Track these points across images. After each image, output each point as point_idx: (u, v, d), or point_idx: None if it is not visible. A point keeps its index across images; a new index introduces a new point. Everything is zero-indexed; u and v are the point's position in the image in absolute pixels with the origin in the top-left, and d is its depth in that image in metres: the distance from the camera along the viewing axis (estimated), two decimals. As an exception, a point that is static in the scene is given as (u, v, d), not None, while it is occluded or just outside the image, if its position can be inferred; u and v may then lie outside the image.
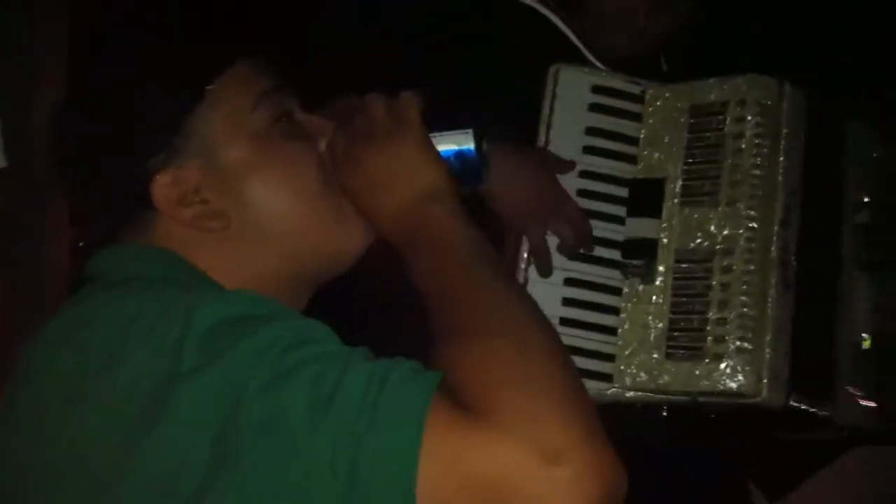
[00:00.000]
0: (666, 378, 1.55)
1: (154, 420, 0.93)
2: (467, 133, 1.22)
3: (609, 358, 1.61)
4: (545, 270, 1.62)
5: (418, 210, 1.12)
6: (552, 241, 1.64)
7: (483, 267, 1.05)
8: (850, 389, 1.65)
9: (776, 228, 1.56)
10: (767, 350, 1.52)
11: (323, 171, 1.17)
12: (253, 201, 1.14)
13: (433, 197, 1.12)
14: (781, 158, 1.57)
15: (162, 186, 1.12)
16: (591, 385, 1.59)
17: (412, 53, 1.60)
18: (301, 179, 1.16)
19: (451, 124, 1.22)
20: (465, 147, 1.21)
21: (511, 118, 1.67)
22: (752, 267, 1.54)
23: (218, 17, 1.16)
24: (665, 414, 1.60)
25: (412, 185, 1.13)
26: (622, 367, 1.59)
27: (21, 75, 1.81)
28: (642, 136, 1.66)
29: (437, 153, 1.16)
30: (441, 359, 0.95)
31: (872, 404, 1.65)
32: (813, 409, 1.58)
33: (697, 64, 1.71)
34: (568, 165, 1.64)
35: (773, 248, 1.55)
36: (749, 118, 1.58)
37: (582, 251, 1.63)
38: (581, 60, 1.75)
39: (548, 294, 1.62)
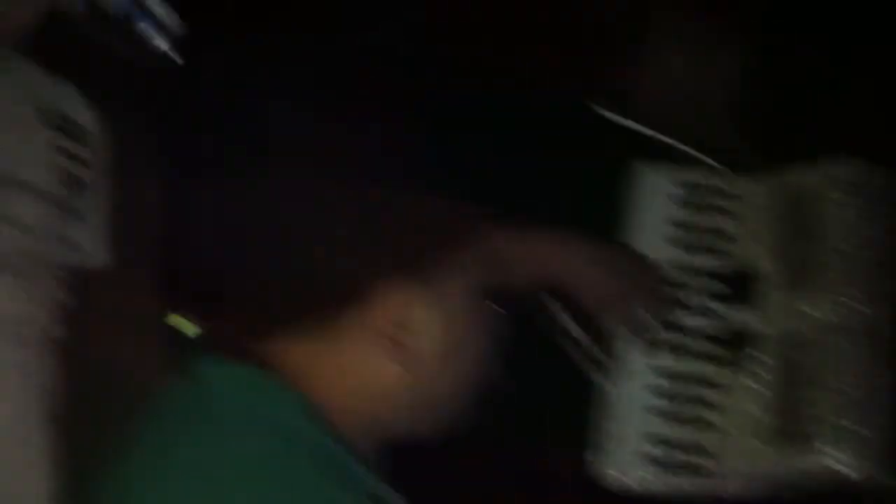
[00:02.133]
0: (767, 464, 1.45)
1: None
2: None
3: (706, 452, 1.52)
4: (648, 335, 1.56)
5: None
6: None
7: None
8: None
9: (873, 308, 1.49)
10: (869, 430, 1.43)
11: None
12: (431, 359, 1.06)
13: None
14: (877, 237, 1.52)
15: (389, 293, 1.02)
16: (691, 480, 1.50)
17: None
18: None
19: None
20: None
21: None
22: (850, 346, 1.47)
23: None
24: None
25: None
26: (722, 458, 1.49)
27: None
28: (731, 228, 1.63)
29: None
30: None
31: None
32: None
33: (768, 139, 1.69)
34: (653, 263, 1.61)
35: (872, 327, 1.48)
36: (843, 201, 1.54)
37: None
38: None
39: (640, 386, 1.56)
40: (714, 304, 1.60)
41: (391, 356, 1.02)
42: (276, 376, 1.02)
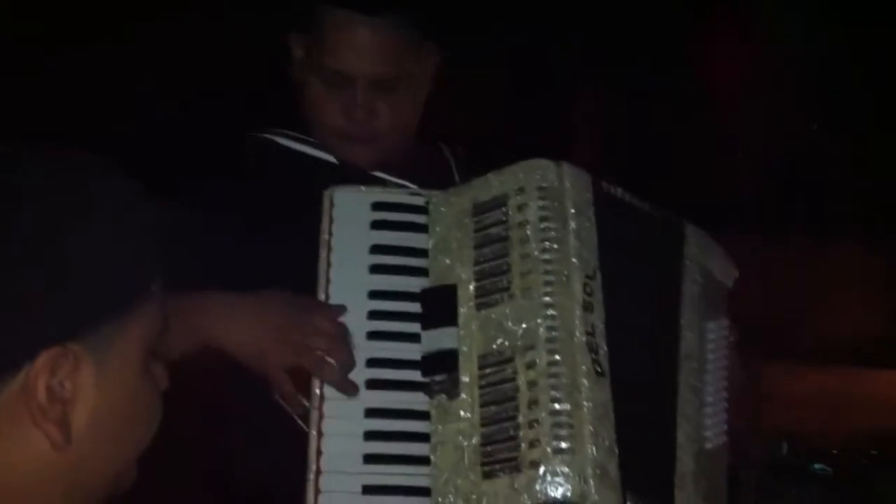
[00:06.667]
0: (485, 502, 1.36)
1: None
2: None
3: (426, 492, 1.42)
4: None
5: None
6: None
7: None
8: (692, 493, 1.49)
9: (578, 312, 1.40)
10: (588, 446, 1.34)
11: None
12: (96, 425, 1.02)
13: None
14: (572, 239, 1.44)
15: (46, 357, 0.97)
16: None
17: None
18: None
19: None
20: None
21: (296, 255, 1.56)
22: (556, 357, 1.38)
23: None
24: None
25: None
26: (439, 500, 1.40)
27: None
28: (430, 245, 1.53)
29: None
30: None
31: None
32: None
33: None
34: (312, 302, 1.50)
35: (577, 333, 1.39)
36: (530, 204, 1.45)
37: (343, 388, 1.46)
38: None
39: (348, 428, 1.45)
40: (415, 328, 1.49)
41: (39, 424, 0.97)
42: None
